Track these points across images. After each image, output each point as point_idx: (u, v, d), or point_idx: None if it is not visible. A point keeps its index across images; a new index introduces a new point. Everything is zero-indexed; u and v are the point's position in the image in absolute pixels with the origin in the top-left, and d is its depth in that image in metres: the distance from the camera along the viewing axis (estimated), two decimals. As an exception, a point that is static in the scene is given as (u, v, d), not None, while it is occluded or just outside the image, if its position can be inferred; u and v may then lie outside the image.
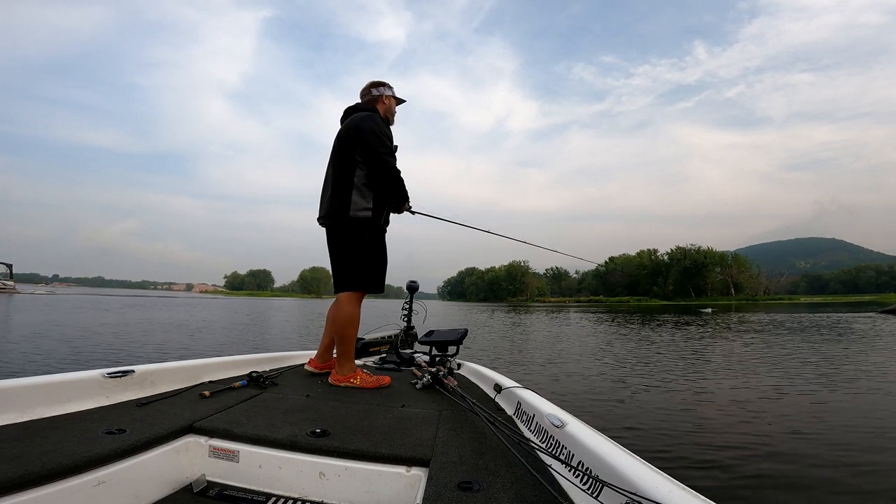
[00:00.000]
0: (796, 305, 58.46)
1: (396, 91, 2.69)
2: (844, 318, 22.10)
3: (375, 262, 2.43)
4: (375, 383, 2.34)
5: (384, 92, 2.61)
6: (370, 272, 2.41)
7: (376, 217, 2.38)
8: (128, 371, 1.84)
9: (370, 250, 2.40)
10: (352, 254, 2.39)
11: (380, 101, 2.60)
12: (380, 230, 2.45)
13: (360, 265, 2.40)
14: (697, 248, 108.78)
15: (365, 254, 2.39)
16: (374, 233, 2.41)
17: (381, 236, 2.47)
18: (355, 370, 2.39)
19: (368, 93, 2.62)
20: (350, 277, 2.41)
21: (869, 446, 3.57)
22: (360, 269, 2.40)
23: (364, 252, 2.39)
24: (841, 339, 12.29)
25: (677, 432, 4.03)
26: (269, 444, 1.46)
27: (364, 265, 2.40)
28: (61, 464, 1.14)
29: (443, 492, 1.14)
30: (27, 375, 1.61)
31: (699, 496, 0.92)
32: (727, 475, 3.07)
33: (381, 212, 2.41)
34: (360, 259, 2.39)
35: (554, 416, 1.51)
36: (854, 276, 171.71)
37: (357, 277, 2.40)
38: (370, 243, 2.40)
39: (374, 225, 2.40)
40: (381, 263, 2.46)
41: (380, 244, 2.45)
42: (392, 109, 2.65)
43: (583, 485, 1.12)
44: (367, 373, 2.40)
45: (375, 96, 2.60)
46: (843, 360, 8.25)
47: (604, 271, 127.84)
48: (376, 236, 2.43)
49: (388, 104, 2.62)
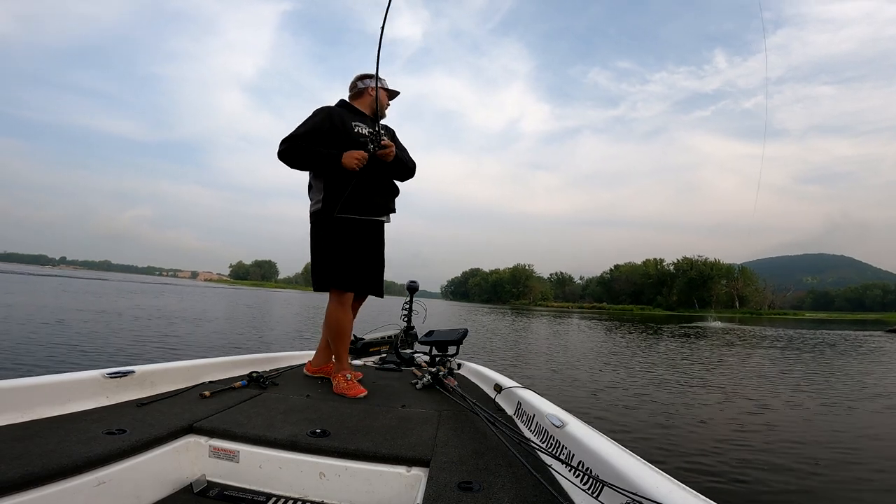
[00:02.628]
0: (800, 321, 57.95)
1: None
2: (844, 336, 21.89)
3: (333, 256, 2.27)
4: (345, 390, 2.13)
5: (369, 84, 2.48)
6: (329, 267, 2.27)
7: (327, 209, 2.26)
8: (128, 371, 1.84)
9: (325, 243, 2.29)
10: (313, 251, 2.32)
11: (365, 94, 2.50)
12: (335, 222, 2.27)
13: (319, 261, 2.30)
14: (704, 260, 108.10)
15: (321, 248, 2.30)
16: (325, 225, 2.28)
17: (342, 228, 2.28)
18: (339, 372, 2.25)
19: (354, 86, 2.53)
20: (316, 274, 2.32)
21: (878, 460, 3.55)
22: (318, 264, 2.30)
23: (320, 247, 2.30)
24: (846, 356, 12.17)
25: (678, 433, 4.03)
26: (269, 445, 1.46)
27: (321, 260, 2.30)
28: (61, 464, 1.14)
29: (443, 492, 1.14)
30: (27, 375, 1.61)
31: (699, 496, 0.92)
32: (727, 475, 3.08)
33: (334, 203, 2.25)
34: (318, 254, 2.30)
35: (554, 416, 1.51)
36: (860, 294, 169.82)
37: (319, 273, 2.30)
38: (326, 236, 2.29)
39: (324, 217, 2.28)
40: (341, 257, 2.26)
41: (338, 237, 2.28)
42: (380, 101, 2.49)
43: (583, 485, 1.12)
44: (347, 378, 2.21)
45: (361, 89, 2.51)
46: (846, 373, 8.19)
47: (608, 279, 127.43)
48: (332, 229, 2.28)
49: (375, 95, 2.47)
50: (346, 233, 2.28)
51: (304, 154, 2.23)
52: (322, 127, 2.27)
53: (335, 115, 2.32)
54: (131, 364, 1.95)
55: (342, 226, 2.28)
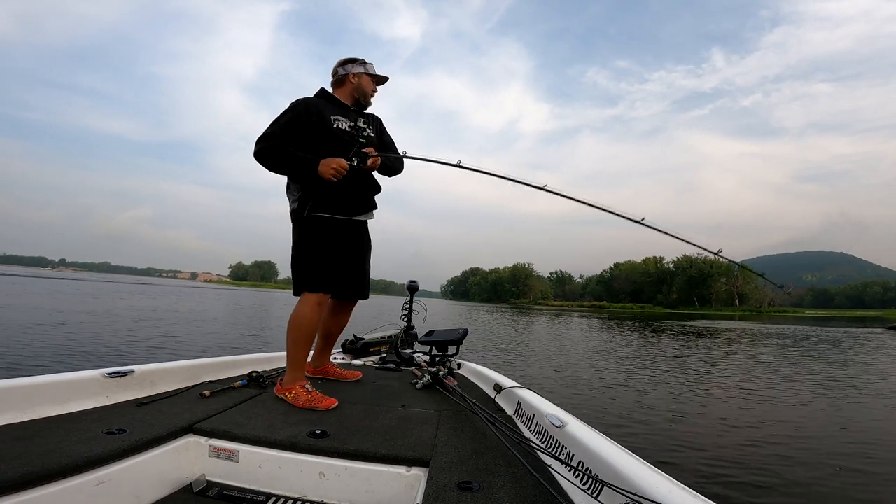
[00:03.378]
0: (800, 318, 58.00)
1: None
2: (850, 334, 21.91)
3: (306, 257, 2.12)
4: (307, 404, 1.87)
5: (351, 70, 2.27)
6: (303, 268, 2.13)
7: (302, 207, 2.12)
8: (128, 371, 1.84)
9: (299, 244, 2.15)
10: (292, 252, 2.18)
11: (346, 82, 2.28)
12: (308, 221, 2.12)
13: (294, 261, 2.16)
14: (704, 258, 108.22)
15: (295, 249, 2.17)
16: (302, 225, 2.14)
17: (316, 228, 2.13)
18: (294, 383, 1.99)
19: (336, 73, 2.30)
20: (292, 276, 2.17)
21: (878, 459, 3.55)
22: (293, 266, 2.16)
23: (294, 247, 2.17)
24: (845, 352, 12.19)
25: (678, 433, 4.03)
26: (269, 445, 1.46)
27: (295, 261, 2.16)
28: (61, 464, 1.14)
29: (443, 492, 1.14)
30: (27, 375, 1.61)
31: (699, 496, 0.92)
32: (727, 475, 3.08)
33: (307, 201, 2.11)
34: (293, 255, 2.17)
35: (554, 416, 1.51)
36: (860, 292, 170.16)
37: (294, 274, 2.16)
38: (299, 237, 2.15)
39: (299, 216, 2.13)
40: (314, 258, 2.10)
41: (312, 237, 2.12)
42: (363, 89, 2.29)
43: (583, 485, 1.12)
44: (308, 389, 1.96)
45: (342, 76, 2.28)
46: (844, 371, 8.21)
47: (608, 277, 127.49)
48: (306, 228, 2.13)
49: (357, 83, 2.28)
50: (323, 233, 2.13)
51: (280, 157, 2.04)
52: (299, 122, 2.09)
53: (312, 109, 2.12)
54: (131, 364, 1.95)
55: (319, 225, 2.12)
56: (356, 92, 2.29)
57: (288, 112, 2.11)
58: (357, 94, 2.29)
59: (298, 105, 2.13)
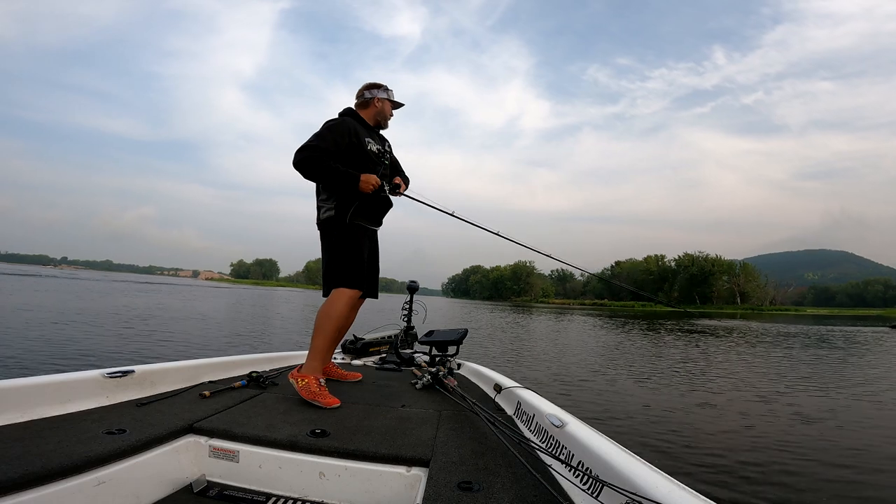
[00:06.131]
0: (801, 317, 57.90)
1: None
2: (855, 333, 21.86)
3: (346, 258, 2.30)
4: (312, 396, 1.96)
5: (376, 94, 2.55)
6: (342, 267, 2.30)
7: (340, 215, 2.31)
8: (128, 371, 1.85)
9: (339, 246, 2.33)
10: (327, 254, 2.36)
11: (371, 105, 2.55)
12: (348, 227, 2.32)
13: (332, 262, 2.33)
14: (705, 256, 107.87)
15: (334, 251, 2.33)
16: (341, 230, 2.32)
17: (354, 233, 2.34)
18: (311, 373, 2.08)
19: (361, 95, 2.57)
20: (328, 276, 2.33)
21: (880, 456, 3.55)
22: (331, 266, 2.32)
23: (334, 250, 2.33)
24: (846, 350, 12.17)
25: (678, 433, 4.03)
26: (269, 444, 1.47)
27: (334, 262, 2.32)
28: (61, 464, 1.14)
29: (443, 492, 1.14)
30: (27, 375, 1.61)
31: (699, 496, 0.92)
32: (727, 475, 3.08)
33: (346, 209, 2.31)
34: (332, 257, 2.33)
35: (554, 416, 1.52)
36: (862, 290, 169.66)
37: (331, 274, 2.32)
38: (339, 240, 2.33)
39: (338, 223, 2.32)
40: (353, 259, 2.31)
41: (350, 241, 2.32)
42: (384, 113, 2.58)
43: (583, 485, 1.13)
44: (321, 383, 2.05)
45: (367, 99, 2.55)
46: (843, 368, 8.20)
47: (609, 275, 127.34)
48: (345, 233, 2.32)
49: (380, 107, 2.56)
50: (361, 238, 2.37)
51: (324, 170, 2.23)
52: (343, 140, 2.30)
53: (352, 130, 2.35)
54: (131, 364, 1.95)
55: (358, 231, 2.36)
56: (378, 115, 2.57)
57: (335, 130, 2.31)
58: (379, 117, 2.57)
59: (344, 126, 2.35)
